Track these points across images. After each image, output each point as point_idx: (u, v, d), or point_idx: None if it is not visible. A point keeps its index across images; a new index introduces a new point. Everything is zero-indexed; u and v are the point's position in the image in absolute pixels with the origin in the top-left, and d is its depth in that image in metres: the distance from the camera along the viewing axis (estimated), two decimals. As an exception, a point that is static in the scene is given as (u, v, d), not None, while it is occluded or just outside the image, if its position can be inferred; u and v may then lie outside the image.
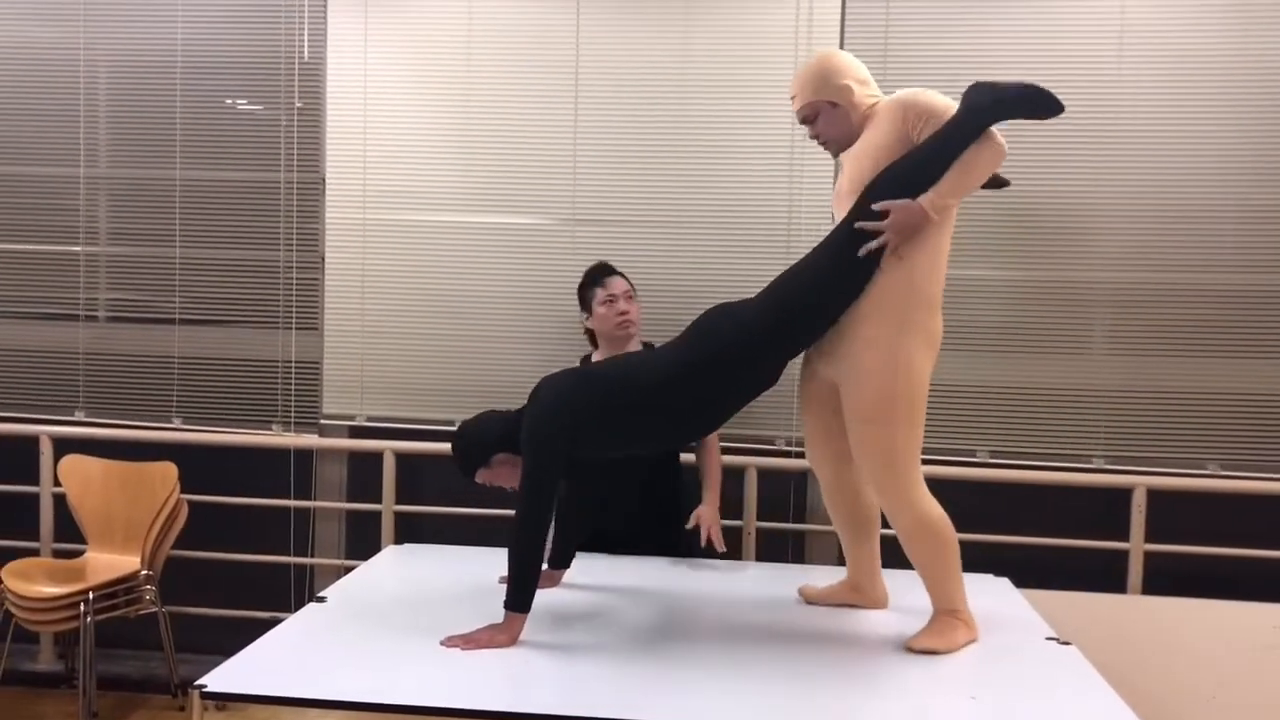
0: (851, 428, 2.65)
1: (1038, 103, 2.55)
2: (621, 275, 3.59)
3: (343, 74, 4.25)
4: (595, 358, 3.59)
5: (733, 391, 2.68)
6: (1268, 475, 3.90)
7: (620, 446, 2.72)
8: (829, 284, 2.63)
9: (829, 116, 2.74)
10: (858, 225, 2.57)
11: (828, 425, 2.80)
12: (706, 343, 2.65)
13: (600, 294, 3.51)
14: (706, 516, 3.40)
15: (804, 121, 2.79)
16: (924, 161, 2.57)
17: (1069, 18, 3.95)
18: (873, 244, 2.55)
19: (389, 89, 4.23)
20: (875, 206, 2.55)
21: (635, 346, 3.54)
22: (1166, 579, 3.85)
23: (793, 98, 2.79)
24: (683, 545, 3.46)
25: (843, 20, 4.02)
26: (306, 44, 4.28)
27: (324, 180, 4.28)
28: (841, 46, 3.98)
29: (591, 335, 3.63)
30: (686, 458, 3.64)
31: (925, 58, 3.99)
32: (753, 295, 2.70)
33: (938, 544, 2.63)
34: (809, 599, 2.97)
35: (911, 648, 2.59)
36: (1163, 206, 3.94)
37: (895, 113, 2.64)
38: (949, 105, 2.59)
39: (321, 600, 2.86)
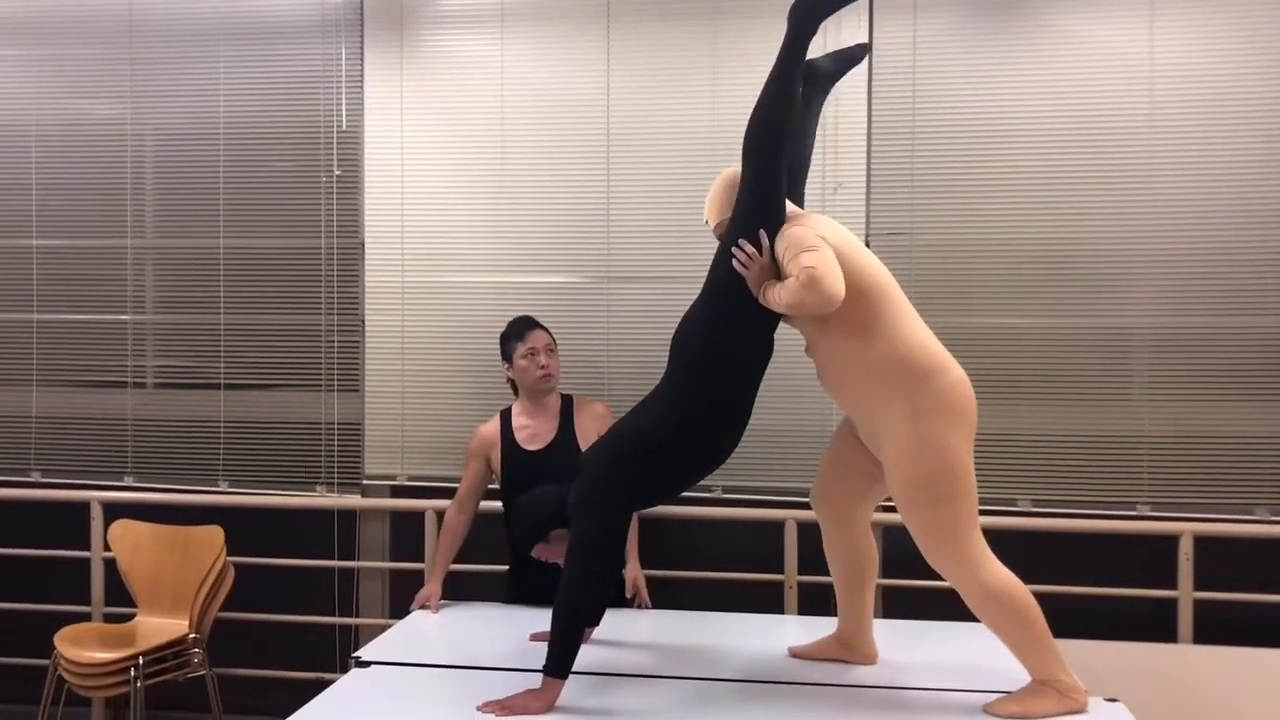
0: (898, 506, 2.62)
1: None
2: (544, 329, 3.62)
3: (380, 140, 4.35)
4: (515, 409, 3.65)
5: (740, 376, 2.69)
6: (1318, 519, 3.83)
7: (676, 487, 2.74)
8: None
9: None
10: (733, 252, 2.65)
11: (842, 475, 2.81)
12: (685, 355, 2.70)
13: (520, 348, 3.57)
14: (641, 579, 3.58)
15: (720, 237, 2.79)
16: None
17: (1099, 63, 3.96)
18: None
19: (425, 153, 4.32)
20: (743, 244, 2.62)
21: (555, 398, 3.62)
22: (1217, 627, 3.78)
23: (707, 222, 2.84)
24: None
25: (870, 72, 4.05)
26: (344, 112, 4.39)
27: (363, 245, 4.37)
28: (869, 96, 4.05)
29: (514, 384, 3.68)
30: None
31: (952, 111, 4.03)
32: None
33: (1011, 611, 2.53)
34: (796, 655, 2.96)
35: (989, 710, 2.53)
36: (1199, 250, 3.92)
37: None
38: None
39: (361, 663, 2.89)
